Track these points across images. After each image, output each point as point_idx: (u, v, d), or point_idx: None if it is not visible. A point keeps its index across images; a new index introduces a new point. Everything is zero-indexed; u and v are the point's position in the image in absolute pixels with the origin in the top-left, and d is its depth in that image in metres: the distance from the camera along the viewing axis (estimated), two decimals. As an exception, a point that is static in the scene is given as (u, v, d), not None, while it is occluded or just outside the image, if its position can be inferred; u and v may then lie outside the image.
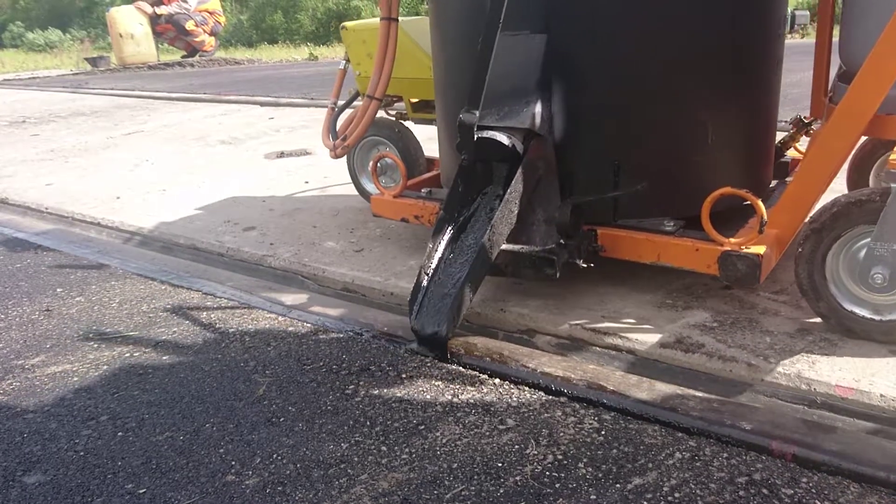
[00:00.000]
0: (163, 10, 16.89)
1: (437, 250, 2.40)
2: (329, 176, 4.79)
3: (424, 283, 2.37)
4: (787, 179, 2.95)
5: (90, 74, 15.64)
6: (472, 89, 2.39)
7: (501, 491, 1.66)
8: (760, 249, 2.18)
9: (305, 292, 3.00)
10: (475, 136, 2.35)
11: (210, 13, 17.76)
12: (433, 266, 2.38)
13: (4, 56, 22.48)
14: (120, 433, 2.01)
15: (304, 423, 2.00)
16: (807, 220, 2.23)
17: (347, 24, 3.70)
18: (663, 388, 2.03)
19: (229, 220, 3.96)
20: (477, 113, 2.35)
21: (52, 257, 3.62)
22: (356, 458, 1.82)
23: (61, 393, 2.25)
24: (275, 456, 1.86)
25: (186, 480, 1.79)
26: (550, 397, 2.05)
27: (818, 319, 2.30)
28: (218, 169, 5.34)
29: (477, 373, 2.21)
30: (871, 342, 2.14)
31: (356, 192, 3.94)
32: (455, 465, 1.77)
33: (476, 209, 2.46)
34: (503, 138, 2.32)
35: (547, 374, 2.14)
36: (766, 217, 2.14)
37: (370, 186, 3.76)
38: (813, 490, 1.60)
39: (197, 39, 17.56)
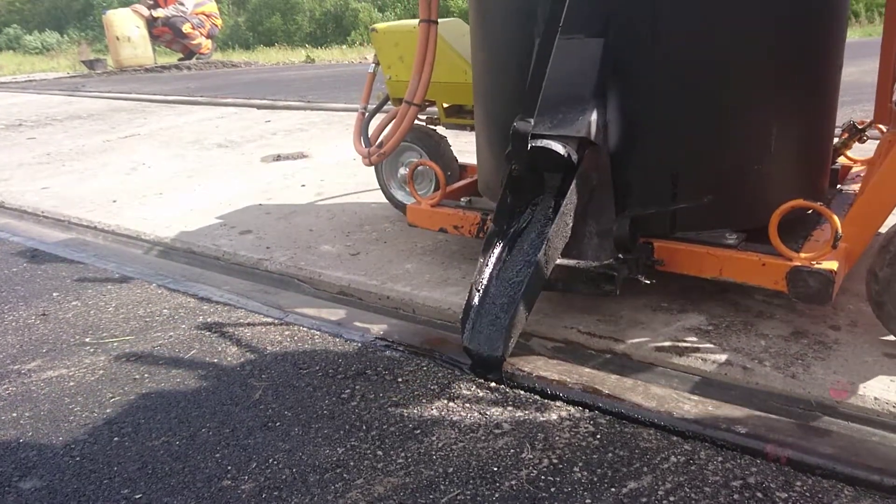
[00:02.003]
0: (159, 12, 16.90)
1: (487, 265, 2.30)
2: (326, 179, 4.79)
3: (476, 300, 2.26)
4: (838, 187, 2.86)
5: (87, 77, 15.62)
6: (527, 96, 2.27)
7: (497, 495, 1.67)
8: (833, 265, 2.07)
9: (302, 296, 3.01)
10: (529, 146, 2.24)
11: (207, 16, 17.78)
12: (484, 282, 2.28)
13: (1, 59, 22.46)
14: (116, 438, 2.01)
15: (300, 427, 2.00)
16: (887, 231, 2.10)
17: (378, 25, 3.60)
18: (658, 392, 2.04)
19: (226, 224, 3.96)
20: (531, 121, 2.23)
21: (48, 261, 3.62)
22: (352, 463, 1.82)
23: (57, 398, 2.25)
24: (271, 460, 1.86)
25: (182, 485, 1.79)
26: (546, 401, 2.05)
27: (813, 322, 2.31)
28: (214, 172, 5.34)
29: (473, 376, 2.21)
30: (864, 345, 2.15)
31: (353, 196, 3.95)
32: (451, 469, 1.77)
33: (527, 221, 2.35)
34: (558, 147, 2.22)
35: (542, 377, 2.15)
36: (840, 231, 2.02)
37: (400, 194, 3.68)
38: (807, 493, 1.60)
39: (194, 42, 17.57)
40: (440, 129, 3.68)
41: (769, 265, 2.16)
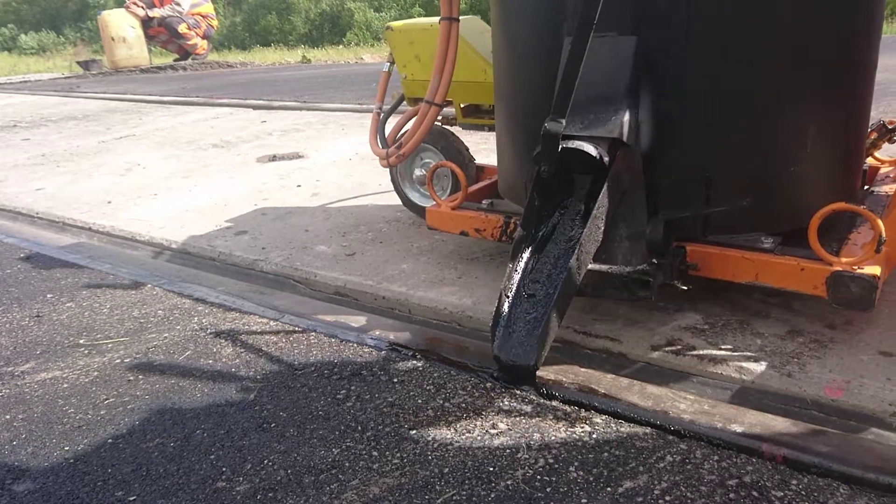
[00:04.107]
0: (155, 12, 16.86)
1: (517, 271, 2.22)
2: (321, 179, 4.79)
3: (505, 307, 2.19)
4: (867, 188, 2.80)
5: (82, 78, 15.60)
6: (558, 96, 2.16)
7: (493, 495, 1.66)
8: (876, 270, 1.99)
9: (297, 296, 3.00)
10: (560, 147, 2.16)
11: (203, 16, 17.74)
12: (514, 289, 2.21)
13: (-4, 60, 22.41)
14: (110, 440, 2.00)
15: (295, 428, 1.99)
16: None
17: (393, 24, 3.54)
18: (654, 391, 2.03)
19: (221, 225, 3.95)
20: (562, 121, 2.15)
21: (43, 263, 3.60)
22: (347, 464, 1.82)
23: (51, 400, 2.24)
24: (266, 462, 1.85)
25: (177, 487, 1.78)
26: (542, 401, 2.05)
27: (808, 321, 2.31)
28: (210, 173, 5.33)
29: (468, 376, 2.21)
30: (860, 344, 2.15)
31: (349, 196, 3.94)
32: (446, 469, 1.77)
33: (556, 225, 2.27)
34: (590, 149, 2.14)
35: (538, 377, 2.14)
36: (884, 235, 1.95)
37: (415, 196, 3.61)
38: (803, 492, 1.60)
39: (189, 42, 17.53)
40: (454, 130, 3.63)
41: (808, 270, 2.08)
